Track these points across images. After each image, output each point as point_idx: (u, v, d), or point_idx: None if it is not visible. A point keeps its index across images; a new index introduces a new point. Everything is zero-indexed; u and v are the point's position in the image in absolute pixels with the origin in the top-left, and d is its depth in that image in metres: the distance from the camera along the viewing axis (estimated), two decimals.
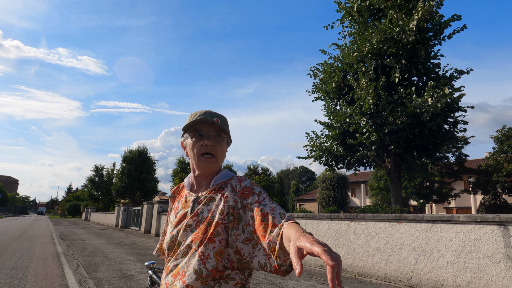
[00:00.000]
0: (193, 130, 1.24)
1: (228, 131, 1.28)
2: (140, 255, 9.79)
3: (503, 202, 20.83)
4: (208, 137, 1.22)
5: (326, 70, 14.53)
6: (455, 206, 30.43)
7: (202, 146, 1.21)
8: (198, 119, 1.22)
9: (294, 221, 0.98)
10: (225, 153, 1.29)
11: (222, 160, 1.26)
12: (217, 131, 1.23)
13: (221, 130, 1.25)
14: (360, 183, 39.07)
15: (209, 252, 1.10)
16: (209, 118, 1.21)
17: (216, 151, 1.23)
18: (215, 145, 1.22)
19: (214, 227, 1.12)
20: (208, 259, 1.09)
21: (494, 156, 21.06)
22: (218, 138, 1.23)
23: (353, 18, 13.84)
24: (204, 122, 1.23)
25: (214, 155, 1.23)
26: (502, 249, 5.02)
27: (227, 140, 1.29)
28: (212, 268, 1.09)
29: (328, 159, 14.54)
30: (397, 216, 6.63)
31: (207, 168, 1.24)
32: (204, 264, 1.09)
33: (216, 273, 1.10)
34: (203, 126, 1.23)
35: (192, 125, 1.24)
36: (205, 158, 1.22)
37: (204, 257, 1.09)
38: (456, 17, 11.79)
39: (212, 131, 1.23)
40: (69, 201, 68.46)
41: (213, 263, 1.09)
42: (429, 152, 12.83)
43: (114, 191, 36.69)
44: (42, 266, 7.52)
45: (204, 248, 1.10)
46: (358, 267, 7.14)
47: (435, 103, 10.49)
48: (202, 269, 1.08)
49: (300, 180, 60.08)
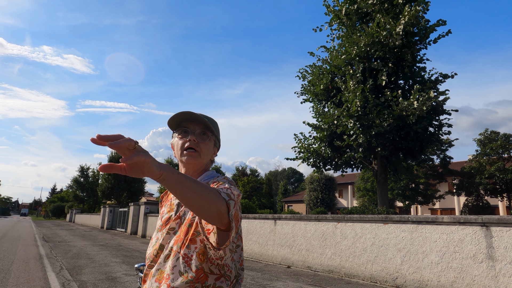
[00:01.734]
0: (180, 128, 1.27)
1: (215, 131, 1.29)
2: (126, 257, 9.65)
3: (486, 204, 21.37)
4: (193, 133, 1.24)
5: (315, 72, 14.63)
6: (440, 207, 31.04)
7: (186, 141, 1.24)
8: (184, 115, 1.23)
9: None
10: (212, 153, 1.30)
11: (206, 158, 1.27)
12: (202, 129, 1.26)
13: (207, 128, 1.26)
14: (347, 185, 39.46)
15: (192, 253, 1.09)
16: (195, 114, 1.23)
17: (200, 148, 1.24)
18: (199, 141, 1.24)
19: (195, 227, 1.12)
20: (192, 260, 1.09)
21: (477, 159, 21.59)
22: (203, 136, 1.26)
23: (342, 21, 13.99)
24: (190, 120, 1.25)
25: (198, 151, 1.24)
26: (484, 249, 5.14)
27: (215, 141, 1.30)
28: (197, 268, 1.08)
29: (316, 160, 14.64)
30: (383, 217, 6.71)
31: (190, 163, 1.24)
32: (189, 266, 1.08)
33: (201, 274, 1.08)
34: (189, 124, 1.26)
35: (179, 123, 1.26)
36: (188, 152, 1.23)
37: (188, 258, 1.09)
38: (441, 22, 12.05)
39: (198, 128, 1.25)
40: (53, 202, 67.02)
41: (196, 263, 1.08)
42: (414, 154, 13.06)
43: (100, 192, 36.13)
44: (24, 268, 7.33)
45: (187, 250, 1.10)
46: (345, 268, 7.20)
47: (420, 106, 10.69)
48: (187, 271, 1.08)
49: (288, 181, 60.29)
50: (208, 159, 1.28)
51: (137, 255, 10.08)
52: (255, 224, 10.13)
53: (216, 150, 1.33)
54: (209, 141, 1.27)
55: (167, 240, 1.17)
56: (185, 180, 0.86)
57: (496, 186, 20.99)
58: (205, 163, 1.28)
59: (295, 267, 8.34)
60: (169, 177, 0.83)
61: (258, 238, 9.88)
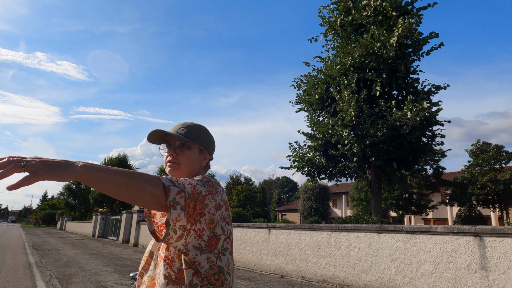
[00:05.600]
0: (164, 143, 1.33)
1: (196, 138, 1.31)
2: (118, 266, 9.49)
3: (478, 214, 21.49)
4: (172, 147, 1.29)
5: (310, 82, 14.77)
6: (433, 217, 31.16)
7: (168, 155, 1.29)
8: (160, 132, 1.28)
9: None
10: (200, 160, 1.32)
11: (188, 167, 1.28)
12: (181, 141, 1.29)
13: (186, 139, 1.29)
14: (341, 194, 39.48)
15: (172, 255, 1.12)
16: (169, 132, 1.28)
17: (179, 160, 1.27)
18: (178, 154, 1.28)
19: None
20: (173, 262, 1.11)
21: (469, 169, 21.77)
22: (182, 147, 1.29)
23: (336, 32, 14.19)
24: (168, 135, 1.29)
25: (177, 162, 1.27)
26: (477, 259, 5.15)
27: (200, 149, 1.32)
28: (179, 270, 1.10)
29: (310, 169, 14.66)
30: (378, 227, 6.72)
31: (172, 175, 1.27)
32: (170, 268, 1.11)
33: (182, 275, 1.09)
34: (170, 138, 1.30)
35: (163, 137, 1.31)
36: (168, 164, 1.28)
37: (169, 260, 1.12)
38: (434, 35, 12.28)
39: (176, 141, 1.29)
40: (43, 209, 65.88)
41: (177, 265, 1.10)
42: (408, 164, 13.15)
43: (92, 199, 35.68)
44: (12, 277, 7.17)
45: (167, 252, 1.13)
46: (339, 278, 7.16)
47: (414, 116, 10.81)
48: (170, 273, 1.10)
49: (282, 190, 60.20)
50: (192, 167, 1.29)
51: (129, 264, 9.92)
52: (249, 233, 10.06)
53: (204, 156, 1.33)
54: (190, 151, 1.28)
55: (156, 246, 1.21)
56: (106, 175, 0.87)
57: (488, 196, 21.16)
58: (188, 172, 1.29)
59: (289, 277, 8.27)
60: (86, 178, 0.85)
61: (252, 247, 9.80)
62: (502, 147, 21.11)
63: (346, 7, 13.64)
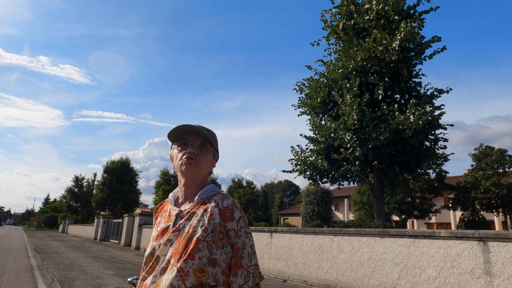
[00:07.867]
0: (179, 140, 1.28)
1: (214, 143, 1.30)
2: (119, 269, 9.47)
3: (481, 218, 21.33)
4: (192, 146, 1.25)
5: (312, 85, 14.77)
6: (436, 221, 30.97)
7: (186, 153, 1.25)
8: (183, 128, 1.25)
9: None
10: (211, 165, 1.31)
11: (205, 169, 1.27)
12: (201, 141, 1.27)
13: (206, 140, 1.27)
14: (343, 198, 39.33)
15: (188, 268, 1.07)
16: (194, 126, 1.24)
17: (200, 159, 1.25)
18: (198, 153, 1.25)
19: (195, 243, 1.10)
20: (187, 276, 1.07)
21: (473, 173, 21.65)
22: (202, 148, 1.27)
23: (339, 36, 14.20)
24: (189, 132, 1.27)
25: (198, 161, 1.25)
26: (481, 264, 5.10)
27: (214, 153, 1.31)
28: (192, 285, 1.06)
29: (312, 173, 14.62)
30: (380, 231, 6.67)
31: (189, 173, 1.24)
32: (183, 281, 1.06)
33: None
34: (188, 136, 1.27)
35: (178, 135, 1.28)
36: (187, 160, 1.23)
37: (183, 273, 1.07)
38: (436, 39, 12.27)
39: (197, 140, 1.26)
40: (46, 212, 65.96)
41: (192, 280, 1.06)
42: (411, 168, 13.09)
43: (94, 202, 35.68)
44: (14, 280, 7.17)
45: (184, 264, 1.08)
46: (342, 282, 7.11)
47: (416, 120, 10.78)
48: (180, 285, 1.05)
49: (284, 194, 60.02)
50: (207, 170, 1.29)
51: (131, 268, 9.90)
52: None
53: (214, 161, 1.34)
54: (208, 153, 1.28)
55: (164, 251, 1.16)
56: None
57: (491, 201, 21.01)
58: (204, 174, 1.28)
59: (291, 281, 8.22)
60: None
61: None
62: (506, 151, 20.99)
63: (348, 11, 13.67)
